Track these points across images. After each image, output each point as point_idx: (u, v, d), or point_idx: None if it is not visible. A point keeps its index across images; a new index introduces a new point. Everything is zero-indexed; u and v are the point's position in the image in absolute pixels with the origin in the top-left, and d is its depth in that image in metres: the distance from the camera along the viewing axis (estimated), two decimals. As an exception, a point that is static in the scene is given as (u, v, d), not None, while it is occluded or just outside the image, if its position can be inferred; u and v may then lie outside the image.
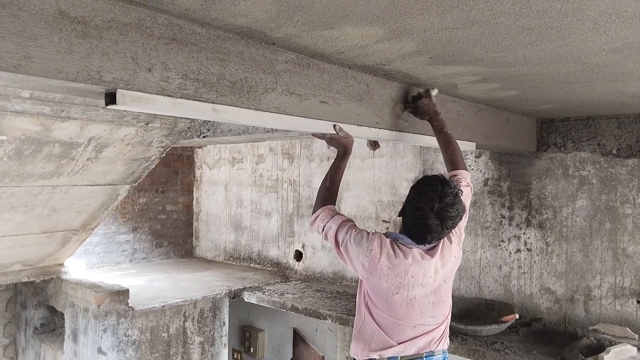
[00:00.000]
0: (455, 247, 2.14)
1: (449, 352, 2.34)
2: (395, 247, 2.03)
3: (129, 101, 1.45)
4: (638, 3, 1.37)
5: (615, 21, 1.50)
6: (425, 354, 2.10)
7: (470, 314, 3.65)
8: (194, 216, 6.28)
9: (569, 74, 2.18)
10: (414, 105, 2.41)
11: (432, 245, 2.06)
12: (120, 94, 1.43)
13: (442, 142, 2.43)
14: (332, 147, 2.40)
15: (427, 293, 2.06)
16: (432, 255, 2.05)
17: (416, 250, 2.03)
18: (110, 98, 1.44)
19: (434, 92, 2.44)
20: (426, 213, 1.91)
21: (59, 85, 1.38)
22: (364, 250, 2.01)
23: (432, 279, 2.05)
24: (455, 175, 2.27)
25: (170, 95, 1.54)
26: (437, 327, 2.13)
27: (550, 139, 3.60)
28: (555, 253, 3.59)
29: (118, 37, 1.41)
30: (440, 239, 2.07)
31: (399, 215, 2.07)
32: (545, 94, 2.67)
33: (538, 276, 3.67)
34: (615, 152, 3.35)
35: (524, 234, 3.73)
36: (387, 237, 2.06)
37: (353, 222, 2.16)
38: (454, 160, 2.36)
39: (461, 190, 2.01)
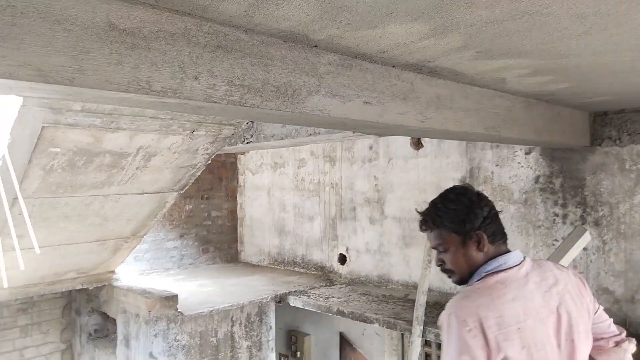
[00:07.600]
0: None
1: None
2: (495, 283, 1.46)
3: None
4: None
5: (680, 3, 1.41)
6: None
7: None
8: (239, 221, 6.36)
9: (625, 64, 2.07)
10: None
11: (520, 259, 1.54)
12: None
13: None
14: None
15: (550, 337, 1.45)
16: (527, 273, 1.51)
17: (517, 271, 1.49)
18: None
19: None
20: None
21: (110, 97, 1.41)
22: (464, 339, 1.36)
23: (548, 310, 1.47)
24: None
25: (216, 102, 1.55)
26: None
27: (604, 133, 3.44)
28: (613, 251, 3.42)
29: (165, 47, 1.43)
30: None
31: (467, 239, 1.52)
32: (599, 86, 2.54)
33: (595, 276, 3.50)
34: (677, 143, 3.17)
35: (578, 232, 3.57)
36: (476, 284, 1.48)
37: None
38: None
39: None
